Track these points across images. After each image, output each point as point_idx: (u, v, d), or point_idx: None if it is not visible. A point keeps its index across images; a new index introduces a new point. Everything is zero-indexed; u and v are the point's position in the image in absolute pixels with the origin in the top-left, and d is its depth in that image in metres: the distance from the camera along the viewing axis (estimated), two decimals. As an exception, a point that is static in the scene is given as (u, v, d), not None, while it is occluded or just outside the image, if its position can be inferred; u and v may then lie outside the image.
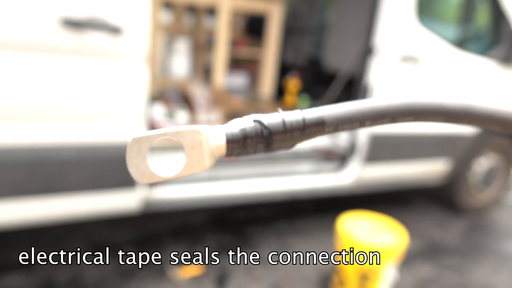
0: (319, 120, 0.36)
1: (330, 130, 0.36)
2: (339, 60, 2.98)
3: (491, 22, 2.66)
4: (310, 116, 0.36)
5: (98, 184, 1.62)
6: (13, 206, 1.49)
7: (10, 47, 1.33)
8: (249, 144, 0.34)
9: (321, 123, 0.36)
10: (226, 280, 1.93)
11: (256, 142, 0.35)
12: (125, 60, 1.51)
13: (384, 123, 0.37)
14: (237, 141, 0.34)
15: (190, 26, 3.83)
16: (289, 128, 0.35)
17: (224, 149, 0.34)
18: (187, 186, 1.99)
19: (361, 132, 2.34)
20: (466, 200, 3.01)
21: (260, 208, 2.74)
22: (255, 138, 0.34)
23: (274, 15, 3.36)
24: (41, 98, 1.41)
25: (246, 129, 0.34)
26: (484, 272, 2.32)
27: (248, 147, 0.35)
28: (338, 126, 0.36)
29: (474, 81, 2.55)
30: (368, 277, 1.73)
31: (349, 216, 1.90)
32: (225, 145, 0.34)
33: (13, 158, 1.43)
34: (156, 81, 3.10)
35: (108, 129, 1.56)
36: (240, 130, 0.34)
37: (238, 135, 0.34)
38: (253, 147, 0.35)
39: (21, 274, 1.79)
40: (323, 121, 0.36)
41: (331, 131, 0.36)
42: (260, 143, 0.35)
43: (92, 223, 2.23)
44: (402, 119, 0.37)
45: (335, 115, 0.36)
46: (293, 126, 0.35)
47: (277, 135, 0.35)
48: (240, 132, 0.34)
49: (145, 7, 1.49)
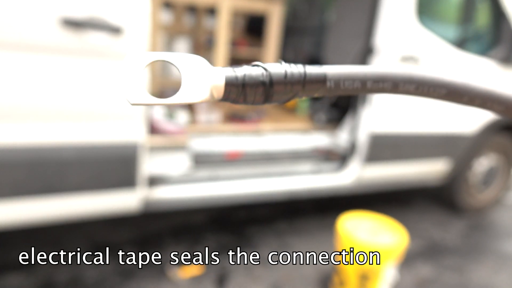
0: (320, 75, 0.35)
1: (331, 86, 0.35)
2: (339, 60, 2.97)
3: (491, 22, 2.66)
4: (313, 71, 0.35)
5: (98, 184, 1.62)
6: (13, 206, 1.49)
7: (10, 47, 1.32)
8: (248, 91, 0.33)
9: (322, 78, 0.35)
10: (226, 280, 1.93)
11: (255, 90, 0.33)
12: (125, 60, 1.51)
13: (386, 90, 0.36)
14: (236, 85, 0.33)
15: (190, 26, 3.83)
16: (290, 80, 0.34)
17: (222, 90, 0.32)
18: (187, 186, 1.99)
19: (361, 132, 2.34)
20: (467, 200, 3.01)
21: (260, 208, 2.74)
22: (255, 85, 0.33)
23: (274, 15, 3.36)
24: (41, 98, 1.41)
25: (246, 74, 0.33)
26: (484, 272, 2.31)
27: (247, 95, 0.33)
28: (339, 84, 0.35)
29: (475, 81, 2.55)
30: (368, 277, 1.73)
31: (349, 216, 1.90)
32: (224, 87, 0.32)
33: (13, 158, 1.43)
34: (156, 81, 3.09)
35: (108, 129, 1.56)
36: (241, 75, 0.33)
37: (238, 79, 0.33)
38: (252, 96, 0.34)
39: (21, 274, 1.79)
40: (324, 76, 0.35)
41: (332, 88, 0.35)
42: (260, 92, 0.34)
43: (92, 223, 2.23)
44: (403, 87, 0.36)
45: (337, 72, 0.35)
46: (295, 78, 0.34)
47: (278, 86, 0.34)
48: (240, 76, 0.33)
49: (145, 7, 1.49)
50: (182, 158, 2.20)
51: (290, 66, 0.35)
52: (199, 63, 0.32)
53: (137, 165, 1.67)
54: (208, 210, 2.60)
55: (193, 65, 0.32)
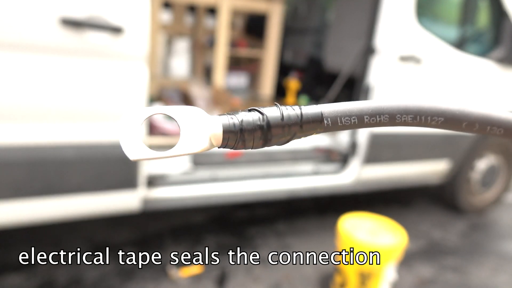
0: (317, 115, 0.35)
1: (328, 125, 0.36)
2: (339, 61, 2.97)
3: (491, 23, 2.66)
4: (309, 110, 0.36)
5: (98, 184, 1.62)
6: (14, 206, 1.49)
7: (10, 47, 1.32)
8: (247, 137, 0.34)
9: (319, 118, 0.35)
10: (226, 280, 1.93)
11: (253, 134, 0.34)
12: (125, 60, 1.51)
13: (384, 123, 0.37)
14: (234, 132, 0.33)
15: (190, 26, 3.83)
16: (287, 122, 0.34)
17: (220, 138, 0.33)
18: (186, 186, 1.99)
19: (362, 131, 2.34)
20: (467, 200, 3.01)
21: (260, 208, 2.74)
22: (253, 130, 0.34)
23: (274, 15, 3.36)
24: (41, 98, 1.41)
25: (244, 120, 0.33)
26: (485, 272, 2.31)
27: (246, 140, 0.34)
28: (336, 122, 0.36)
29: (474, 82, 2.55)
30: (368, 277, 1.73)
31: (349, 217, 1.90)
32: (222, 135, 0.33)
33: (13, 158, 1.43)
34: (156, 81, 3.09)
35: (108, 129, 1.56)
36: (238, 121, 0.33)
37: (235, 126, 0.33)
38: (251, 141, 0.34)
39: (21, 274, 1.79)
40: (321, 115, 0.35)
41: (329, 126, 0.36)
42: (258, 137, 0.34)
43: (92, 223, 2.23)
44: (400, 119, 0.36)
45: (333, 110, 0.36)
46: (292, 120, 0.35)
47: (276, 129, 0.34)
48: (237, 123, 0.33)
49: (145, 7, 1.49)
50: (182, 158, 2.20)
51: (286, 108, 0.35)
52: (197, 114, 0.33)
53: (138, 165, 1.67)
54: (208, 210, 2.60)
55: (191, 116, 0.32)
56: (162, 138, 2.24)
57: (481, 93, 2.60)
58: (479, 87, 2.58)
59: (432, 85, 2.39)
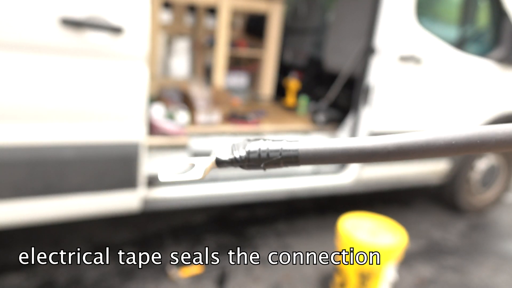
0: (294, 155, 0.42)
1: (304, 164, 0.42)
2: (339, 61, 2.97)
3: (491, 23, 2.66)
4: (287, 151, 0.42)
5: (98, 184, 1.62)
6: (13, 206, 1.48)
7: (10, 47, 1.32)
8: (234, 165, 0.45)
9: (295, 158, 0.42)
10: (226, 280, 1.93)
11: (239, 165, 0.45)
12: (125, 60, 1.51)
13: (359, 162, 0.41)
14: (224, 164, 0.45)
15: (190, 26, 3.83)
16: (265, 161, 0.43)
17: (215, 167, 0.46)
18: (187, 186, 1.99)
19: (362, 131, 2.34)
20: (467, 200, 3.01)
21: (260, 208, 2.74)
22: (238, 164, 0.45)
23: (274, 15, 3.36)
24: (41, 98, 1.41)
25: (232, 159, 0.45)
26: (485, 272, 2.31)
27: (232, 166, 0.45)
28: (311, 162, 0.42)
29: (474, 82, 2.55)
30: (368, 277, 1.73)
31: (349, 217, 1.90)
32: (215, 166, 0.46)
33: (13, 158, 1.43)
34: (156, 81, 3.09)
35: (109, 129, 1.56)
36: (228, 159, 0.45)
37: (225, 162, 0.45)
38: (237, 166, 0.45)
39: (21, 274, 1.79)
40: (297, 156, 0.42)
41: (304, 164, 0.42)
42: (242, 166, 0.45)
43: (92, 223, 2.23)
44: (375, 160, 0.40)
45: (309, 152, 0.41)
46: (270, 159, 0.43)
47: (255, 166, 0.44)
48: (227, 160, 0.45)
49: (145, 7, 1.49)
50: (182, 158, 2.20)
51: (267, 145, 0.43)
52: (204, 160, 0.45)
53: (138, 165, 1.67)
54: (208, 210, 2.60)
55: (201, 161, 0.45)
56: (162, 138, 2.24)
57: (481, 93, 2.60)
58: (479, 87, 2.58)
59: (432, 85, 2.39)
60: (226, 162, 0.45)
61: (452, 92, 2.48)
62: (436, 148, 0.37)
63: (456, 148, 0.36)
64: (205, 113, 2.55)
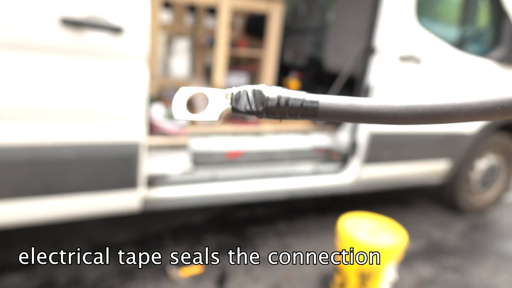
0: (314, 107, 0.40)
1: (322, 118, 0.41)
2: (339, 61, 2.97)
3: (491, 23, 2.66)
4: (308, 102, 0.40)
5: (98, 184, 1.62)
6: (13, 206, 1.48)
7: (11, 47, 1.32)
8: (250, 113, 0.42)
9: (314, 110, 0.40)
10: (226, 280, 1.93)
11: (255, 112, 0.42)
12: (125, 60, 1.51)
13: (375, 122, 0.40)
14: (239, 111, 0.42)
15: (190, 26, 3.83)
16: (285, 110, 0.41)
17: (230, 112, 0.43)
18: (186, 185, 1.99)
19: (361, 131, 2.34)
20: (467, 200, 3.01)
21: (260, 208, 2.74)
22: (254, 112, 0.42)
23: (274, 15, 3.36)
24: (41, 98, 1.41)
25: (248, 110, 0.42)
26: (485, 272, 2.31)
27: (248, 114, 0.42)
28: (330, 116, 0.40)
29: (474, 81, 2.55)
30: (368, 277, 1.73)
31: (349, 217, 1.90)
32: (231, 111, 0.43)
33: (13, 158, 1.43)
34: (156, 81, 3.09)
35: (109, 129, 1.56)
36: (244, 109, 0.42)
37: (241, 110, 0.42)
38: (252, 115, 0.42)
39: (21, 274, 1.79)
40: (317, 109, 0.40)
41: (322, 119, 0.41)
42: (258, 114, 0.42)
43: (92, 223, 2.23)
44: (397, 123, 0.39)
45: (329, 106, 0.40)
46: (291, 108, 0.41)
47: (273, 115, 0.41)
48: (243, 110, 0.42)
49: (145, 7, 1.49)
50: (182, 158, 2.20)
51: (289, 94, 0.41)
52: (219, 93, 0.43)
53: (138, 165, 1.67)
54: (208, 210, 2.60)
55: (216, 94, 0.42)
56: (163, 138, 2.24)
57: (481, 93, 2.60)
58: (479, 87, 2.58)
59: (432, 85, 2.39)
60: (242, 111, 0.42)
61: (452, 92, 2.48)
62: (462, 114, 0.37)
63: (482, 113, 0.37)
64: (205, 113, 2.54)
